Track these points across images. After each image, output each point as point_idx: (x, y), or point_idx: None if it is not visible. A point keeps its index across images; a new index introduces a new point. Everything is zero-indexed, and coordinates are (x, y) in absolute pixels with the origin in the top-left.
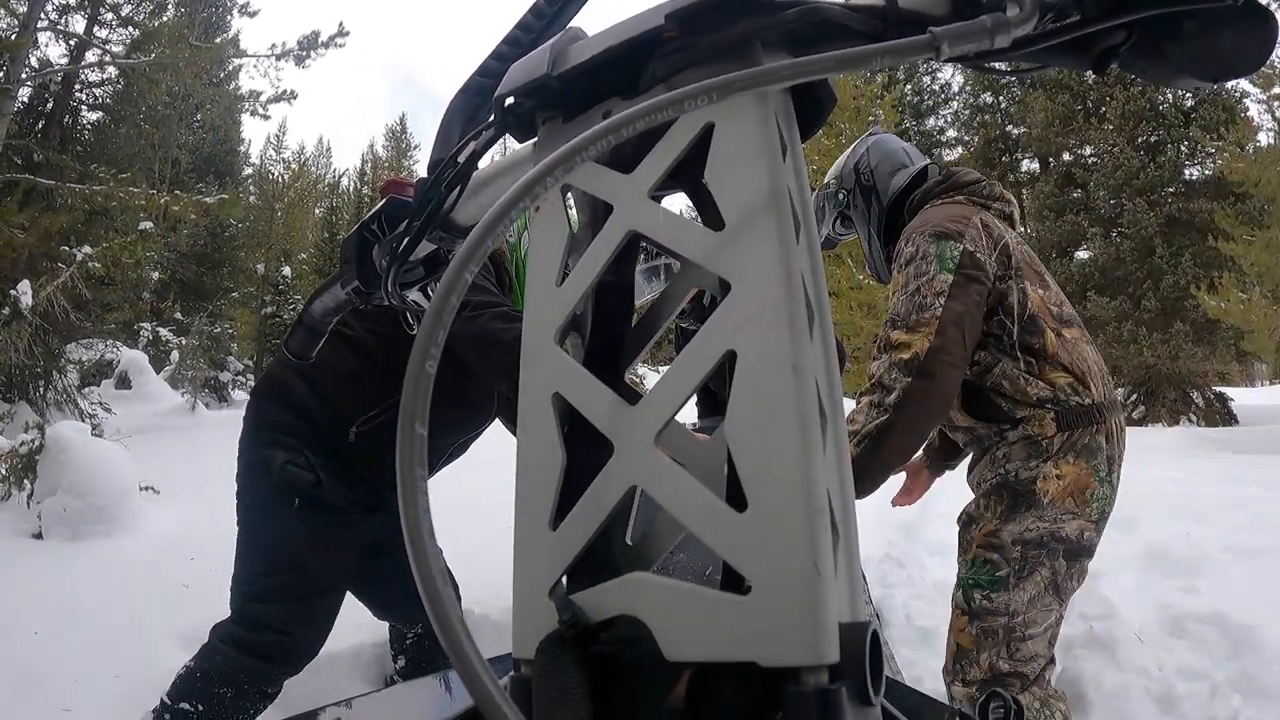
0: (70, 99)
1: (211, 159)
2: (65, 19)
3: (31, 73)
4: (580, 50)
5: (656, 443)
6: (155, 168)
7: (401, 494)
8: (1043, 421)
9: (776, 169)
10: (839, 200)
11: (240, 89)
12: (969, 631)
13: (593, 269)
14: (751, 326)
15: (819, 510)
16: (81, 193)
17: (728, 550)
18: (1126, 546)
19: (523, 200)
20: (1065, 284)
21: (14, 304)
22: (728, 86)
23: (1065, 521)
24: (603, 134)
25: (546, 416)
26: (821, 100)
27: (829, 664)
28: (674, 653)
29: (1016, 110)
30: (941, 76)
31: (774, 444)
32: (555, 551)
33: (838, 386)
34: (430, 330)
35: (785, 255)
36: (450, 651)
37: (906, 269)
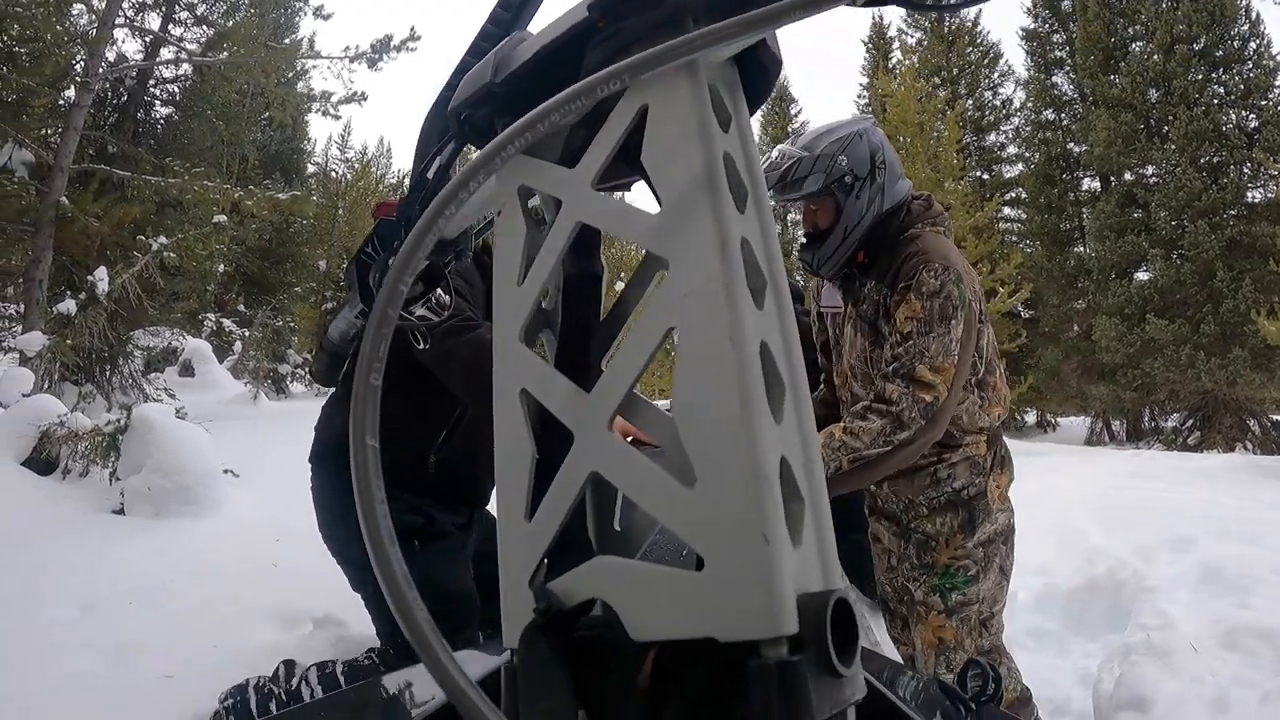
0: (144, 94)
1: (278, 156)
2: (141, 16)
3: (108, 68)
4: (520, 53)
5: (611, 427)
6: (224, 163)
7: (360, 505)
8: (979, 444)
9: (711, 144)
10: (844, 183)
11: (312, 89)
12: (949, 626)
13: (547, 264)
14: (689, 302)
15: (765, 480)
16: (155, 185)
17: (681, 527)
18: (1182, 564)
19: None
20: (1124, 306)
21: (91, 290)
22: (638, 66)
23: (1002, 518)
24: (519, 132)
25: (516, 413)
26: (766, 66)
27: (788, 635)
28: (639, 633)
29: (1078, 128)
30: (1003, 92)
31: (716, 416)
32: (531, 542)
33: (796, 354)
34: (372, 344)
35: (720, 228)
36: (419, 648)
37: (929, 303)
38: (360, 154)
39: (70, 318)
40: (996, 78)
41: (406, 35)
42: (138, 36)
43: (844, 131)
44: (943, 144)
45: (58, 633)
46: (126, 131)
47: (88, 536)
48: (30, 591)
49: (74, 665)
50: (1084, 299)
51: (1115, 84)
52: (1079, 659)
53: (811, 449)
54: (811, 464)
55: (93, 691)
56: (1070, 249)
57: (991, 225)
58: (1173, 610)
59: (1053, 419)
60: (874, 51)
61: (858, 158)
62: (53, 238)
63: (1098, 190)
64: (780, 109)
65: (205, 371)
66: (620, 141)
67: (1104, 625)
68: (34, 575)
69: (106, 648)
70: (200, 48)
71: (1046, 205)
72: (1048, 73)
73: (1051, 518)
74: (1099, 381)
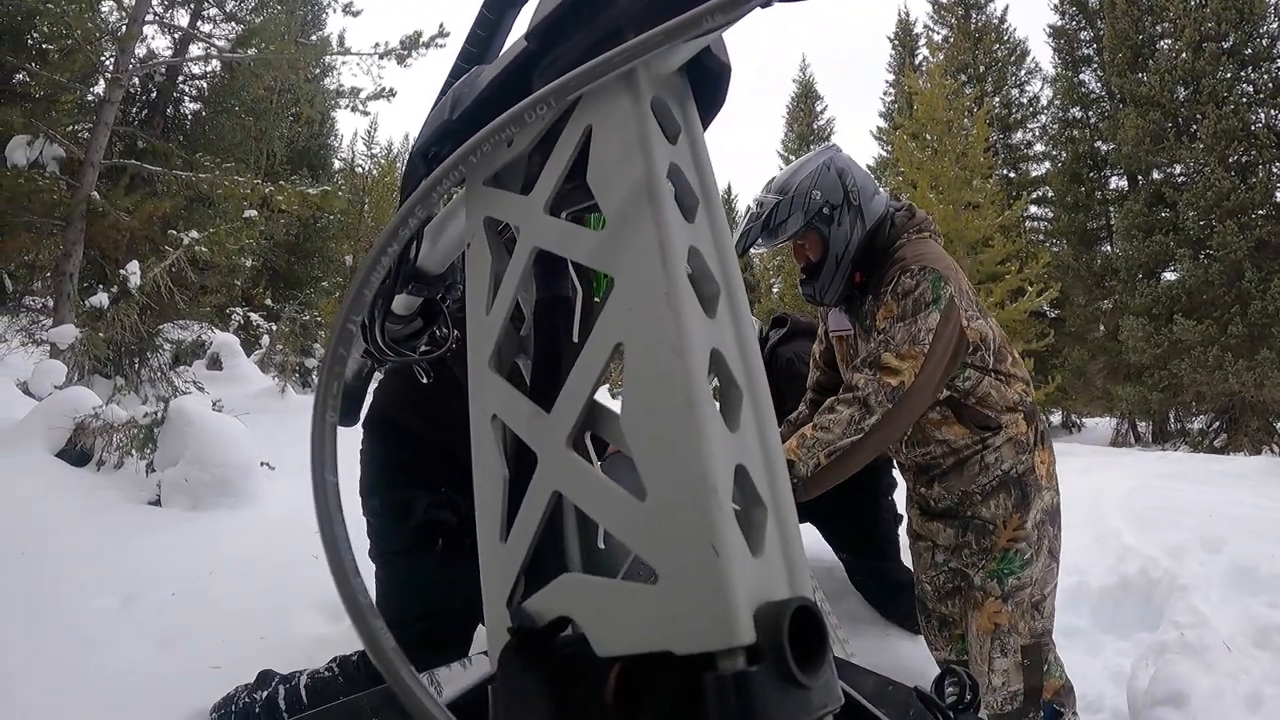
0: (174, 90)
1: (306, 152)
2: (171, 13)
3: (138, 64)
4: (475, 88)
5: (570, 446)
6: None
7: (324, 541)
8: (1017, 423)
9: (650, 156)
10: (823, 215)
11: (341, 85)
12: (1005, 610)
13: (510, 291)
14: (633, 315)
15: (712, 491)
16: (186, 180)
17: (634, 541)
18: (1214, 565)
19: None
20: (1151, 306)
21: (123, 283)
22: (562, 89)
23: (1051, 497)
24: (451, 167)
25: (488, 437)
26: (715, 73)
27: (744, 646)
28: (604, 648)
29: (1106, 126)
30: (1030, 89)
31: (661, 428)
32: (506, 562)
33: (753, 359)
34: (326, 383)
35: (662, 239)
36: (388, 676)
37: (904, 300)
38: (386, 150)
39: (102, 311)
40: (1024, 75)
41: (435, 32)
42: (167, 33)
43: (811, 166)
44: (970, 142)
45: (101, 623)
46: (156, 127)
47: (126, 527)
48: (70, 581)
49: (120, 655)
50: (1111, 299)
51: (1143, 82)
52: (1111, 657)
53: (773, 455)
54: (774, 470)
55: (141, 681)
56: (1097, 248)
57: (1019, 224)
58: (1205, 609)
59: (1078, 420)
60: (900, 48)
61: (829, 187)
62: (84, 232)
63: (1125, 189)
64: (806, 106)
65: (233, 365)
66: (569, 164)
67: (1136, 623)
68: (73, 565)
69: (152, 638)
70: (229, 44)
71: (1074, 204)
72: (1075, 70)
73: (1083, 517)
74: (1125, 382)
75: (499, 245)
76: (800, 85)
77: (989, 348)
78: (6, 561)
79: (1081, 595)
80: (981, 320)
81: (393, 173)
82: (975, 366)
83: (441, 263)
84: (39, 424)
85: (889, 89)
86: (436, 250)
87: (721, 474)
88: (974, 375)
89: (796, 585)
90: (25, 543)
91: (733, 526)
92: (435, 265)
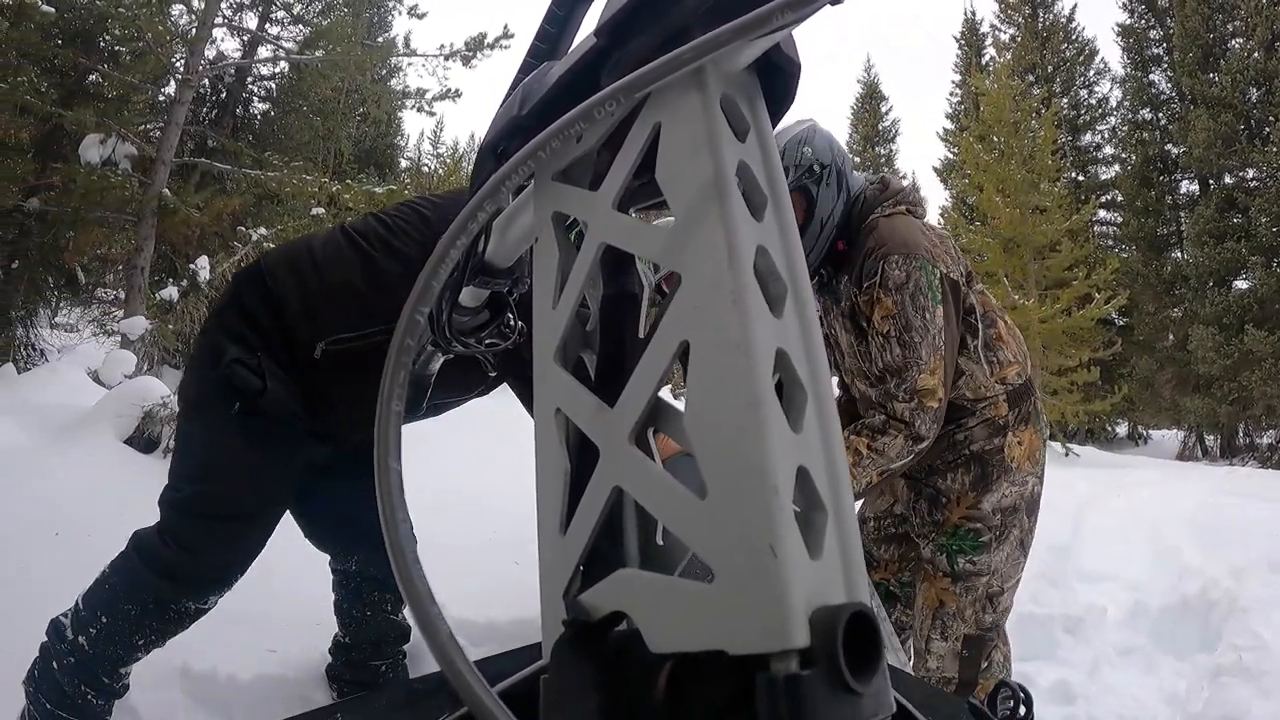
0: (243, 90)
1: (372, 152)
2: (239, 15)
3: (208, 65)
4: (544, 84)
5: (633, 442)
6: (320, 157)
7: (385, 526)
8: (996, 404)
9: (719, 153)
10: (812, 172)
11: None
12: (953, 591)
13: (576, 286)
14: (699, 313)
15: (772, 491)
16: (255, 178)
17: (693, 539)
18: (1277, 586)
19: (455, 242)
20: (1222, 315)
21: (193, 278)
22: (631, 86)
23: (1028, 484)
24: (520, 162)
25: (551, 431)
26: (783, 69)
27: (798, 649)
28: (657, 645)
29: (1176, 128)
30: (1099, 90)
31: (724, 427)
32: (565, 555)
33: (819, 360)
34: (393, 372)
35: (729, 238)
36: (441, 663)
37: (899, 296)
38: (451, 150)
39: (172, 304)
40: (1092, 75)
41: (500, 33)
42: (236, 35)
43: (799, 129)
44: (1038, 144)
45: None
46: (226, 126)
47: None
48: None
49: (178, 638)
50: (1180, 307)
51: (1214, 82)
52: (1167, 677)
53: (836, 457)
54: (836, 473)
55: (199, 662)
56: (1167, 254)
57: (1087, 229)
58: (1265, 633)
59: (1144, 431)
60: (966, 49)
61: (819, 146)
62: (155, 227)
63: (1196, 194)
64: (871, 107)
65: None
66: (637, 161)
67: (1194, 645)
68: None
69: (210, 620)
70: (297, 46)
71: (1143, 208)
72: (1144, 70)
73: (1144, 534)
74: (1194, 394)
75: (566, 240)
76: (865, 86)
77: (975, 315)
78: (75, 543)
79: (1140, 614)
80: (968, 289)
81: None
82: (962, 347)
83: (510, 256)
84: (109, 411)
85: (955, 89)
86: (505, 244)
87: (783, 475)
88: (960, 364)
89: (854, 590)
90: (92, 525)
91: (792, 528)
92: (503, 259)
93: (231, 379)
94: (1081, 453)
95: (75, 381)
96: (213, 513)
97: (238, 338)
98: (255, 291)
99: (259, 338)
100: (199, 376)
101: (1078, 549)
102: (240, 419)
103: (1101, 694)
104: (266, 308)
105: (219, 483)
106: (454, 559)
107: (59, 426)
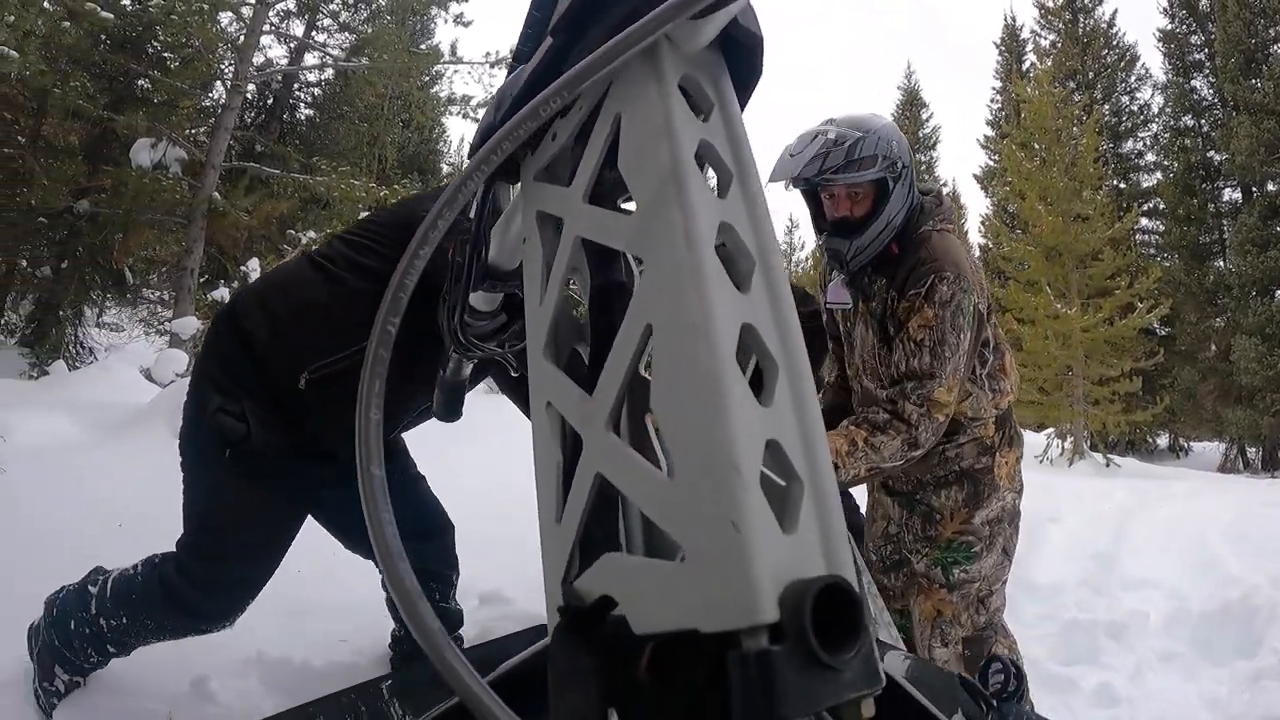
0: (289, 96)
1: (416, 157)
2: (286, 23)
3: (255, 72)
4: (516, 87)
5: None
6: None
7: (371, 528)
8: (986, 426)
9: (676, 139)
10: (894, 169)
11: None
12: (949, 600)
13: (557, 281)
14: (660, 296)
15: (733, 467)
16: (303, 181)
17: (662, 519)
18: None
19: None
20: (1265, 325)
21: (244, 279)
22: (572, 82)
23: (1009, 498)
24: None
25: (544, 423)
26: (744, 44)
27: (767, 624)
28: (638, 627)
29: (1219, 135)
30: (1140, 96)
31: (688, 406)
32: (560, 542)
33: (791, 333)
34: (369, 382)
35: (686, 221)
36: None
37: (941, 311)
38: None
39: (222, 303)
40: (1133, 81)
41: None
42: (283, 42)
43: (882, 120)
44: (1080, 151)
45: None
46: (273, 131)
47: None
48: None
49: (249, 629)
50: (1223, 317)
51: (1257, 88)
52: (1207, 684)
53: (812, 429)
54: (812, 444)
55: (274, 651)
56: (1210, 263)
57: (1129, 237)
58: None
59: (1185, 443)
60: (1007, 55)
61: (902, 145)
62: (205, 230)
63: (1239, 201)
64: (911, 114)
65: None
66: (603, 153)
67: (1234, 651)
68: None
69: (280, 612)
70: (343, 53)
71: (1185, 216)
72: (1186, 76)
73: (1185, 542)
74: (1236, 405)
75: (552, 238)
76: (905, 93)
77: (989, 347)
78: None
79: (1181, 620)
80: (986, 320)
81: None
82: (969, 380)
83: (513, 259)
84: (164, 408)
85: (996, 96)
86: (506, 247)
87: (746, 450)
88: (965, 388)
89: (835, 563)
90: (155, 519)
91: (758, 503)
92: (507, 261)
93: (219, 429)
94: (1122, 464)
95: (127, 379)
96: (221, 554)
97: (219, 387)
98: (230, 333)
99: (237, 383)
100: (191, 429)
101: (1120, 557)
102: (234, 463)
103: (1144, 698)
104: (240, 348)
105: (224, 527)
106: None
107: (114, 423)
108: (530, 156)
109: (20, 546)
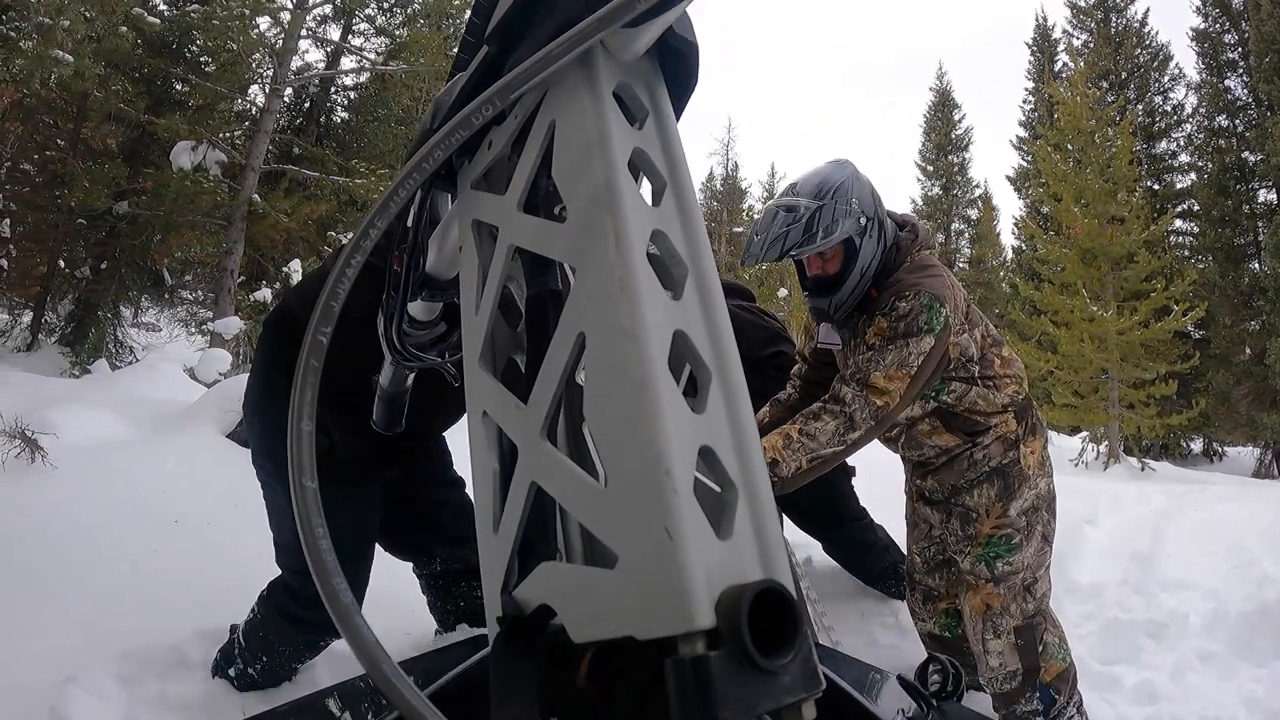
0: (327, 100)
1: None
2: (323, 27)
3: (293, 76)
4: (450, 95)
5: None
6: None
7: (305, 542)
8: (1007, 421)
9: (609, 151)
10: (859, 225)
11: None
12: (997, 593)
13: (493, 291)
14: (591, 304)
15: (665, 474)
16: (341, 184)
17: (597, 527)
18: None
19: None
20: None
21: (285, 280)
22: (503, 91)
23: (1042, 484)
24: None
25: (480, 433)
26: (679, 51)
27: (703, 630)
28: (578, 635)
29: (1254, 135)
30: (1174, 96)
31: (618, 414)
32: (499, 552)
33: (724, 339)
34: (300, 393)
35: (617, 228)
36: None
37: (897, 323)
38: None
39: (265, 305)
40: (1167, 81)
41: None
42: (320, 47)
43: (842, 174)
44: (1115, 153)
45: None
46: (310, 134)
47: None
48: (249, 548)
49: None
50: (1259, 319)
51: None
52: (1246, 683)
53: (745, 435)
54: (746, 451)
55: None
56: (1245, 265)
57: (1163, 239)
58: None
59: (1220, 448)
60: (1039, 55)
61: (865, 198)
62: (244, 231)
63: (1275, 203)
64: (944, 115)
65: None
66: (538, 161)
67: (1272, 652)
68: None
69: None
70: (380, 57)
71: (1220, 218)
72: (1220, 76)
73: (1223, 545)
74: (1271, 409)
75: (488, 246)
76: (937, 94)
77: (973, 358)
78: (195, 533)
79: (1219, 621)
80: (966, 334)
81: None
82: (960, 379)
83: (451, 267)
84: (210, 407)
85: (1028, 96)
86: (444, 256)
87: (679, 457)
88: (959, 387)
89: (771, 568)
90: (208, 516)
91: (690, 509)
92: (445, 270)
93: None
94: (1157, 468)
95: (171, 378)
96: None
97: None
98: (289, 339)
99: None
100: (271, 444)
101: (1159, 558)
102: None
103: (1184, 696)
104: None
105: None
106: None
107: (161, 421)
108: (467, 164)
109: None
